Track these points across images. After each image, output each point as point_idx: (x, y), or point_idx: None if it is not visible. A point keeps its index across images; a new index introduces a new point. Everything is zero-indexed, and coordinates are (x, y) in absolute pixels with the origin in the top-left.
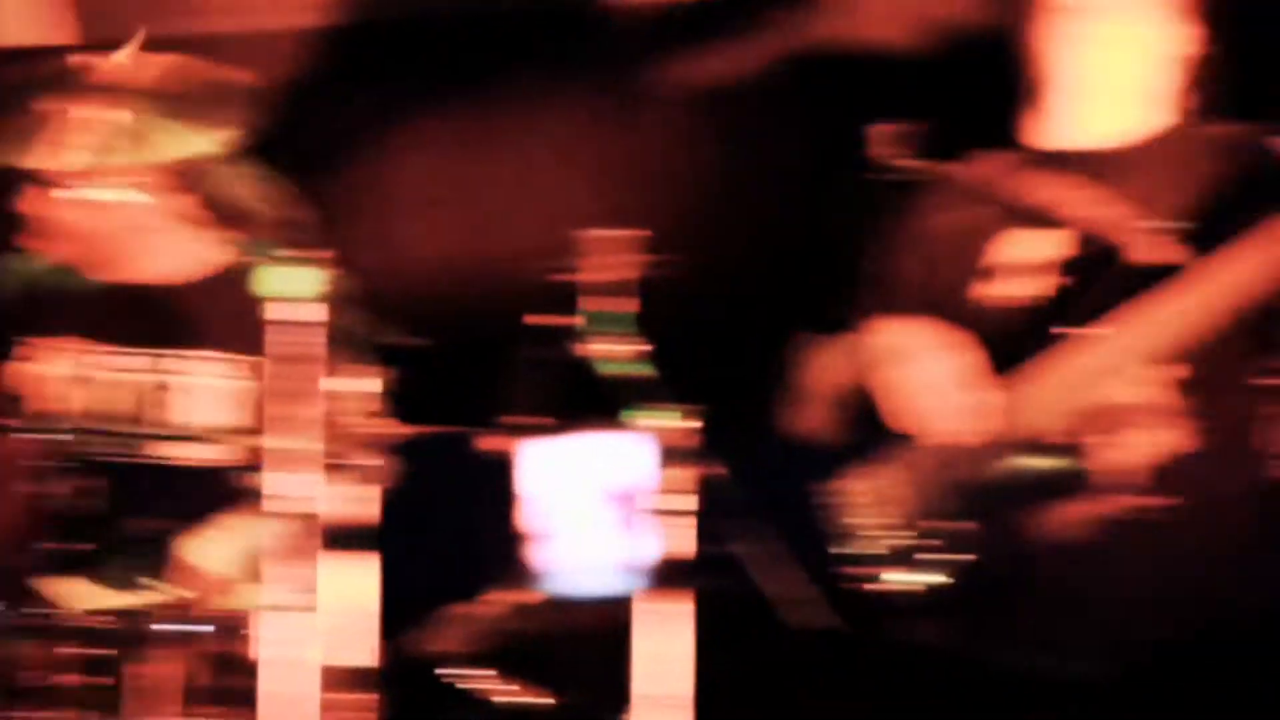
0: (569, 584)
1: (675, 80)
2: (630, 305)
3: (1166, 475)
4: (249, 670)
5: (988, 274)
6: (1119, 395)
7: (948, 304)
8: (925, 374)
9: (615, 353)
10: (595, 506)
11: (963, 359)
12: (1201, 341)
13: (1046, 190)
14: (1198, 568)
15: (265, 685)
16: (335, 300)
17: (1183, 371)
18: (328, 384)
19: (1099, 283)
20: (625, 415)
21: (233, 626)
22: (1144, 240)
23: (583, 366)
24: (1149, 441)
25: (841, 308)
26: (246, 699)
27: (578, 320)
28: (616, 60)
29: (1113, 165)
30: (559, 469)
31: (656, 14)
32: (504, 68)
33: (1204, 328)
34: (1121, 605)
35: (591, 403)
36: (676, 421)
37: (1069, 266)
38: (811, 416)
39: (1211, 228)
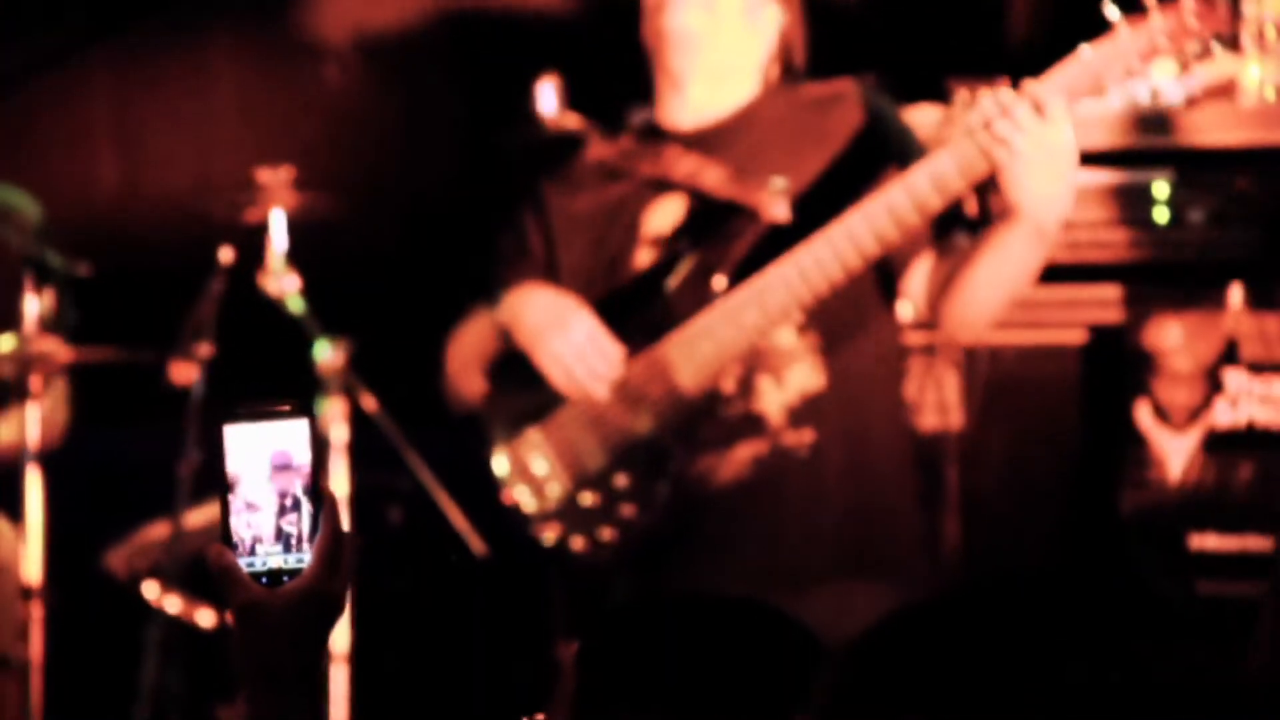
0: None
1: (335, 27)
2: (289, 241)
3: (809, 415)
4: None
5: (632, 243)
6: (763, 345)
7: (598, 274)
8: (575, 337)
9: (279, 286)
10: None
11: (593, 320)
12: (834, 291)
13: (679, 162)
14: (842, 498)
15: None
16: (16, 227)
17: (819, 320)
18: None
19: (734, 245)
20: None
21: None
22: (774, 198)
23: (250, 298)
24: (793, 385)
25: (496, 273)
26: None
27: (236, 253)
28: (277, 5)
29: (731, 136)
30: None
31: None
32: (168, 9)
33: (836, 278)
34: (778, 536)
35: (261, 334)
36: (333, 353)
37: (705, 230)
38: (462, 374)
39: (830, 184)
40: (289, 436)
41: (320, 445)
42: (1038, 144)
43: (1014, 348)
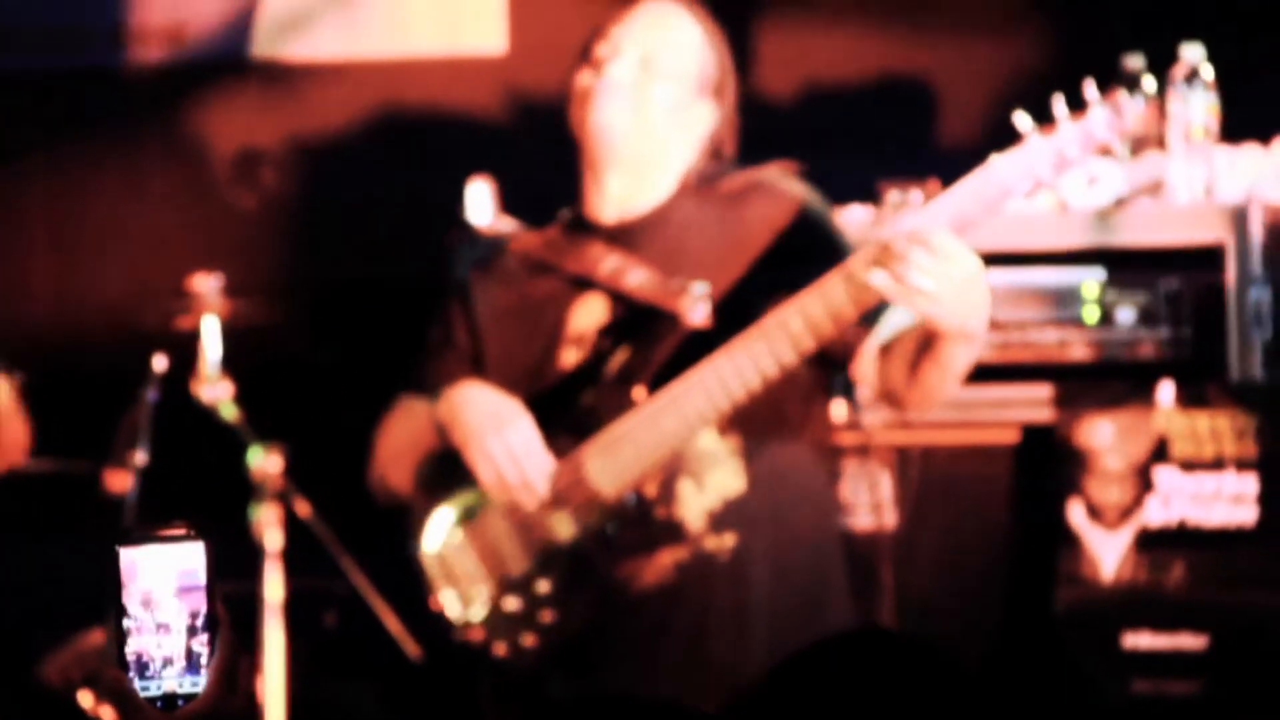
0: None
1: (269, 131)
2: (223, 347)
3: (731, 519)
4: None
5: (556, 341)
6: (685, 449)
7: (521, 369)
8: (511, 440)
9: (212, 394)
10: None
11: (531, 425)
12: (760, 393)
13: (602, 260)
14: (770, 600)
15: None
16: None
17: (742, 423)
18: None
19: (656, 348)
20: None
21: None
22: (694, 303)
23: (184, 406)
24: (714, 489)
25: (423, 365)
26: None
27: (170, 361)
28: (194, 114)
29: (652, 231)
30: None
31: (236, 69)
32: (84, 125)
33: (753, 385)
34: (705, 639)
35: (196, 441)
36: (267, 459)
37: (627, 332)
38: (391, 466)
39: (752, 284)
40: (190, 558)
41: (214, 568)
42: (942, 284)
43: (947, 447)
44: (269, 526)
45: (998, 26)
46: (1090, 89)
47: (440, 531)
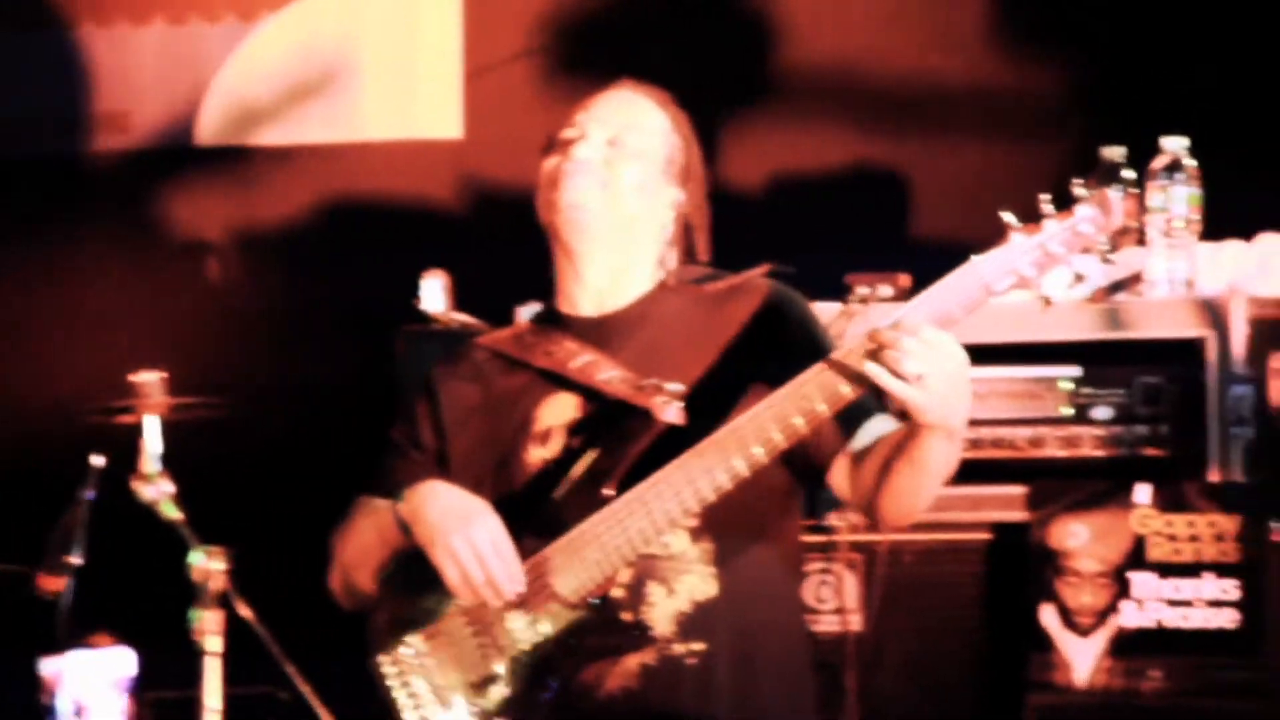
0: None
1: (213, 224)
2: (163, 445)
3: (701, 624)
4: None
5: (523, 438)
6: (654, 551)
7: (487, 467)
8: (478, 539)
9: (153, 492)
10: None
11: (498, 524)
12: (732, 494)
13: (574, 355)
14: (737, 708)
15: None
16: None
17: (714, 527)
18: None
19: (628, 447)
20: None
21: None
22: (664, 400)
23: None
24: (684, 593)
25: (386, 464)
26: None
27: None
28: (139, 205)
29: (629, 327)
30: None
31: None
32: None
33: (724, 486)
34: None
35: (136, 542)
36: (209, 561)
37: (597, 430)
38: (356, 568)
39: (728, 384)
40: (120, 666)
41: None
42: (933, 373)
43: (915, 547)
44: (210, 630)
45: (969, 120)
46: (1078, 187)
47: (399, 634)
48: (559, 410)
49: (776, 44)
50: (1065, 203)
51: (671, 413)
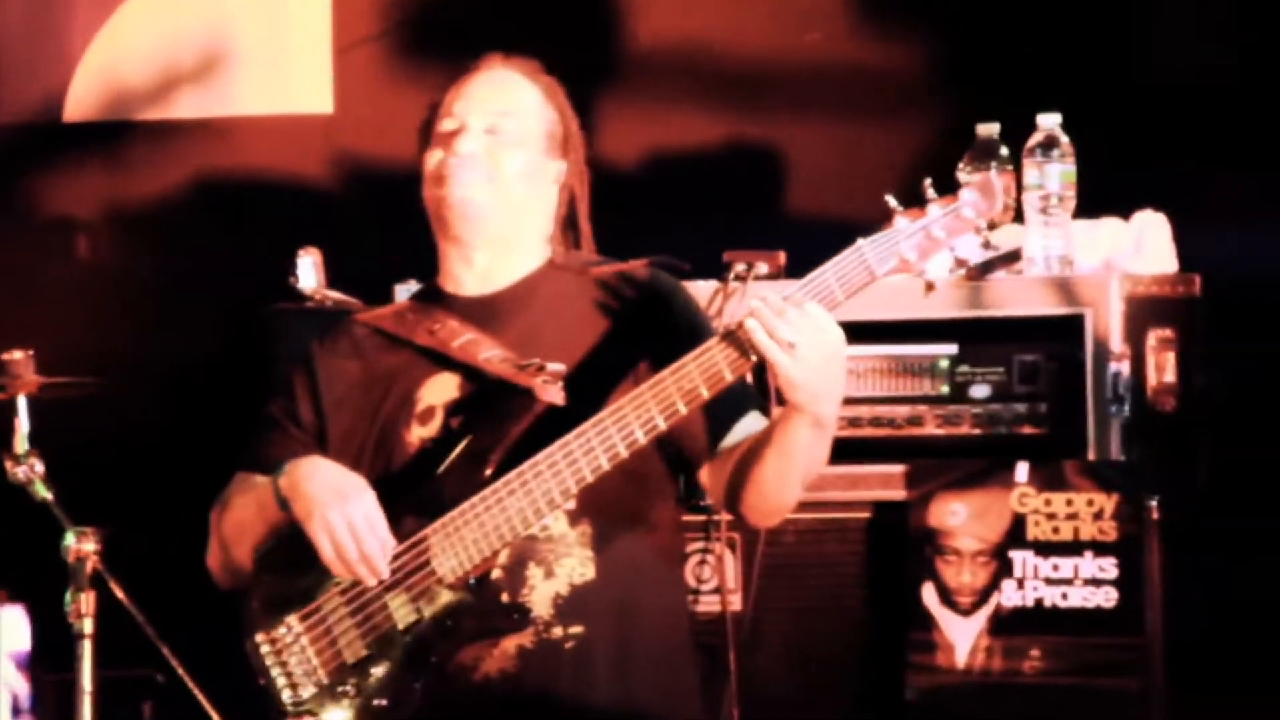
0: None
1: (85, 201)
2: (32, 425)
3: (579, 606)
4: None
5: (404, 417)
6: (533, 534)
7: (367, 446)
8: (353, 515)
9: (24, 473)
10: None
11: (374, 500)
12: (603, 479)
13: (456, 334)
14: (615, 690)
15: None
16: None
17: (594, 510)
18: None
19: (509, 426)
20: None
21: None
22: (545, 381)
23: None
24: (563, 576)
25: (262, 440)
26: None
27: None
28: (5, 181)
29: (512, 307)
30: None
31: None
32: None
33: (602, 467)
34: None
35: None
36: (82, 542)
37: (478, 410)
38: (235, 543)
39: (610, 366)
40: (14, 629)
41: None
42: (808, 344)
43: (795, 527)
44: (83, 612)
45: (840, 96)
46: (961, 170)
47: (276, 614)
48: (440, 389)
49: (641, 18)
50: (948, 187)
51: (553, 393)
